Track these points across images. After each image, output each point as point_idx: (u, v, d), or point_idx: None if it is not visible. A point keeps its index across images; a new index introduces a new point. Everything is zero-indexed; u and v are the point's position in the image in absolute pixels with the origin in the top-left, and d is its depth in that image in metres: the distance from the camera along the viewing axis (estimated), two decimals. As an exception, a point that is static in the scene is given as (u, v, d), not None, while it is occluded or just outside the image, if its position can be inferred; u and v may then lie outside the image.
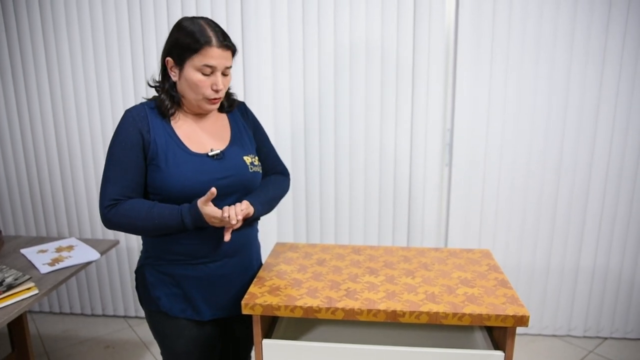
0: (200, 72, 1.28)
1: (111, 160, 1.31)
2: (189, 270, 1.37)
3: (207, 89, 1.30)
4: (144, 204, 1.30)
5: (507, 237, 2.51)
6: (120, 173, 1.30)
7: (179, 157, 1.31)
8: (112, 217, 1.30)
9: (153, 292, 1.40)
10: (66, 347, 2.56)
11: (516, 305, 1.28)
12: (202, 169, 1.32)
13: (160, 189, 1.31)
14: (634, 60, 2.25)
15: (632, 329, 2.55)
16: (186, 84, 1.31)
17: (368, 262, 1.59)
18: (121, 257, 2.77)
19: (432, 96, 2.40)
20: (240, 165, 1.38)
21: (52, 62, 2.55)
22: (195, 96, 1.32)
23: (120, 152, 1.30)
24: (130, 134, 1.30)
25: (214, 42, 1.27)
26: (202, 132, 1.39)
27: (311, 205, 2.57)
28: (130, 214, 1.29)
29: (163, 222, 1.28)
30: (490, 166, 2.44)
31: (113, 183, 1.30)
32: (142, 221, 1.29)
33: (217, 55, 1.28)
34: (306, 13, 2.37)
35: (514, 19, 2.27)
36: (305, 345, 1.31)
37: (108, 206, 1.30)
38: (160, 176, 1.30)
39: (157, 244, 1.38)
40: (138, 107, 1.35)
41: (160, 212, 1.29)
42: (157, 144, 1.31)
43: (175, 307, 1.39)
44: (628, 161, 2.35)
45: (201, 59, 1.27)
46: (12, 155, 2.70)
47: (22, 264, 1.83)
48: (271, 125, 2.50)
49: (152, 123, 1.33)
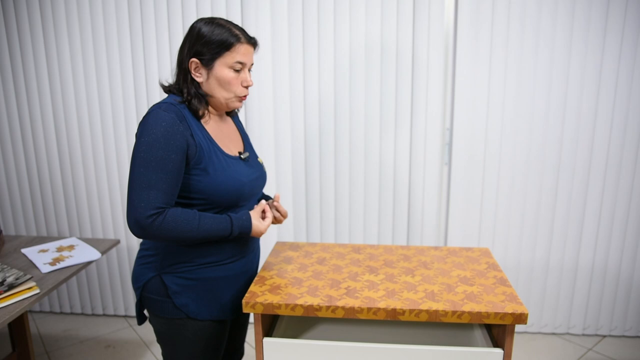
0: (232, 69, 1.31)
1: (153, 163, 1.20)
2: (220, 272, 1.38)
3: (238, 87, 1.34)
4: (193, 214, 1.26)
5: (506, 235, 2.52)
6: (164, 178, 1.21)
7: (222, 160, 1.32)
8: (156, 227, 1.21)
9: (178, 300, 1.35)
10: (67, 347, 2.57)
11: (515, 303, 1.28)
12: (240, 171, 1.36)
13: (207, 194, 1.29)
14: (631, 61, 2.26)
15: (630, 326, 2.56)
16: (216, 83, 1.31)
17: (368, 260, 1.60)
18: (121, 256, 2.78)
19: (432, 95, 2.40)
20: (259, 165, 1.48)
21: (53, 61, 2.55)
22: (226, 94, 1.33)
23: (165, 154, 1.21)
24: (175, 136, 1.22)
25: (243, 39, 1.31)
26: (224, 136, 1.41)
27: (311, 205, 2.58)
28: (183, 225, 1.23)
29: (214, 230, 1.29)
30: (490, 165, 2.44)
31: (155, 189, 1.20)
32: (195, 232, 1.25)
33: (246, 51, 1.32)
34: (306, 16, 2.38)
35: (513, 18, 2.28)
36: (306, 344, 1.32)
37: (152, 215, 1.20)
38: (206, 180, 1.28)
39: (184, 251, 1.34)
40: (174, 109, 1.26)
41: (210, 222, 1.28)
42: (202, 148, 1.28)
43: (204, 311, 1.38)
44: (626, 160, 2.36)
45: (234, 56, 1.30)
46: (13, 155, 2.70)
47: (23, 264, 1.84)
48: (271, 125, 2.51)
49: (192, 125, 1.29)
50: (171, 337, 1.41)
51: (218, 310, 1.41)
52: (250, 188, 1.38)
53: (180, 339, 1.40)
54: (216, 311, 1.40)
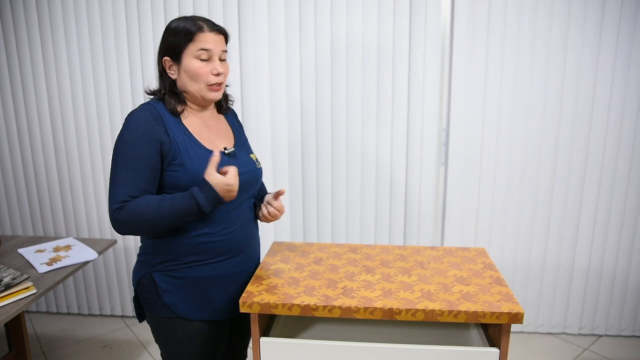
0: (198, 58, 1.31)
1: (120, 161, 1.26)
2: (208, 271, 1.37)
3: (207, 76, 1.33)
4: (152, 198, 1.26)
5: (502, 235, 2.53)
6: (132, 174, 1.25)
7: (201, 155, 1.32)
8: (122, 218, 1.24)
9: (167, 298, 1.36)
10: (64, 347, 2.56)
11: (511, 303, 1.29)
12: (222, 166, 1.33)
13: (186, 188, 1.29)
14: (626, 61, 2.27)
15: (626, 326, 2.57)
16: (186, 76, 1.32)
17: (365, 260, 1.60)
18: (118, 256, 2.78)
19: (428, 96, 2.41)
20: (250, 161, 1.44)
21: (49, 61, 2.55)
22: (197, 86, 1.33)
23: (133, 152, 1.25)
24: (146, 133, 1.26)
25: (205, 28, 1.31)
26: (209, 131, 1.40)
27: (308, 205, 2.58)
28: (142, 209, 1.23)
29: (177, 208, 1.24)
30: (486, 165, 2.45)
31: (121, 184, 1.25)
32: (155, 213, 1.24)
33: (210, 39, 1.31)
34: (303, 14, 2.38)
35: (509, 19, 2.28)
36: (303, 343, 1.32)
37: (117, 209, 1.25)
38: (184, 175, 1.29)
39: (173, 248, 1.34)
40: (149, 107, 1.31)
41: (171, 202, 1.25)
42: (178, 143, 1.30)
43: (193, 311, 1.38)
44: (621, 161, 2.37)
45: (197, 45, 1.30)
46: (9, 154, 2.70)
47: (20, 264, 1.84)
48: (268, 124, 2.51)
49: (168, 122, 1.31)
50: (165, 336, 1.41)
51: (209, 311, 1.39)
52: None
53: (172, 339, 1.40)
54: (207, 312, 1.39)
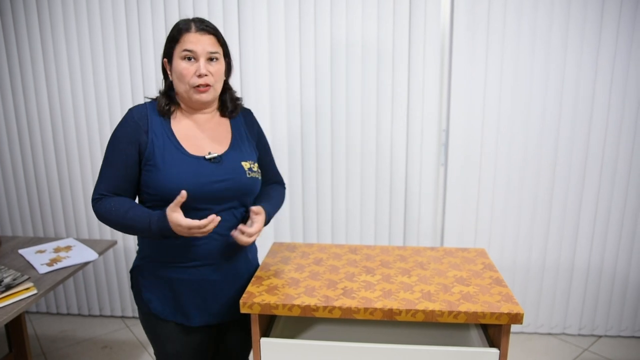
0: (183, 59, 1.32)
1: (105, 157, 1.35)
2: (181, 274, 1.37)
3: (192, 77, 1.32)
4: (125, 203, 1.31)
5: (502, 236, 2.53)
6: (109, 169, 1.33)
7: (176, 158, 1.32)
8: (96, 210, 1.33)
9: (145, 294, 1.40)
10: (63, 348, 2.56)
11: (511, 303, 1.29)
12: (198, 171, 1.32)
13: (156, 190, 1.31)
14: (625, 63, 2.27)
15: (626, 326, 2.57)
16: (176, 77, 1.35)
17: (365, 261, 1.60)
18: (118, 257, 2.78)
19: (428, 97, 2.41)
20: (238, 169, 1.37)
21: (50, 61, 2.55)
22: (183, 86, 1.34)
23: (112, 149, 1.33)
24: (127, 132, 1.32)
25: (192, 28, 1.32)
26: (201, 135, 1.39)
27: (308, 205, 2.59)
28: (111, 210, 1.30)
29: (133, 224, 1.29)
30: (486, 166, 2.46)
31: (101, 178, 1.34)
32: (121, 220, 1.30)
33: (194, 39, 1.31)
34: (303, 15, 2.38)
35: (509, 20, 2.29)
36: (303, 344, 1.32)
37: (94, 199, 1.34)
38: (156, 176, 1.30)
39: (153, 245, 1.37)
40: (140, 107, 1.37)
41: (134, 214, 1.29)
42: (154, 144, 1.32)
43: (166, 311, 1.39)
44: (621, 162, 2.38)
45: (182, 45, 1.32)
46: (9, 155, 2.70)
47: (20, 265, 1.84)
48: (268, 125, 2.51)
49: (152, 123, 1.34)
50: (147, 331, 1.46)
51: (180, 314, 1.39)
52: (210, 190, 1.32)
53: (153, 336, 1.45)
54: (179, 315, 1.39)
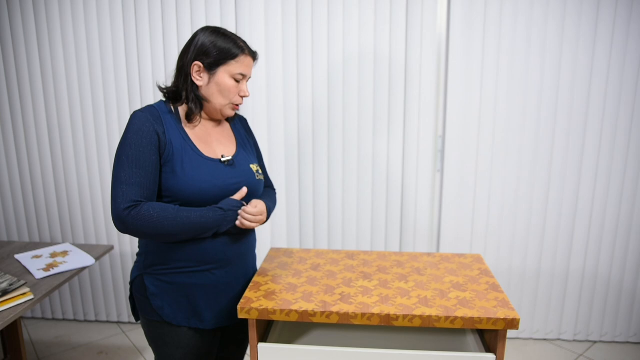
0: (233, 78, 1.35)
1: (126, 160, 1.26)
2: (195, 279, 1.37)
3: (235, 96, 1.38)
4: (168, 205, 1.28)
5: (498, 242, 2.54)
6: (138, 173, 1.25)
7: (195, 161, 1.33)
8: (132, 218, 1.24)
9: (155, 301, 1.38)
10: (59, 353, 2.55)
11: (507, 309, 1.30)
12: (216, 173, 1.34)
13: (176, 193, 1.30)
14: (620, 66, 2.30)
15: (620, 332, 2.59)
16: (216, 88, 1.35)
17: (362, 267, 1.61)
18: (114, 262, 2.77)
19: (424, 103, 2.43)
20: (249, 171, 1.43)
21: (46, 65, 2.55)
22: (222, 101, 1.37)
23: (137, 151, 1.26)
24: (146, 133, 1.28)
25: (247, 51, 1.36)
26: (211, 138, 1.42)
27: (305, 211, 2.59)
28: (159, 215, 1.25)
29: (195, 220, 1.28)
30: (482, 172, 2.47)
31: (130, 184, 1.25)
32: (169, 221, 1.25)
33: (249, 64, 1.38)
34: (300, 24, 2.40)
35: (504, 27, 2.31)
36: (300, 349, 1.33)
37: (127, 208, 1.24)
38: (175, 179, 1.30)
39: (162, 252, 1.36)
40: (150, 109, 1.34)
41: (191, 212, 1.28)
42: (173, 146, 1.31)
43: (179, 316, 1.39)
44: (615, 168, 2.40)
45: (237, 67, 1.35)
46: (5, 160, 2.69)
47: (17, 270, 1.83)
48: (265, 131, 2.52)
49: (167, 124, 1.33)
50: (154, 338, 1.44)
51: (195, 319, 1.40)
52: (227, 192, 1.36)
53: (161, 342, 1.42)
54: (193, 320, 1.40)
